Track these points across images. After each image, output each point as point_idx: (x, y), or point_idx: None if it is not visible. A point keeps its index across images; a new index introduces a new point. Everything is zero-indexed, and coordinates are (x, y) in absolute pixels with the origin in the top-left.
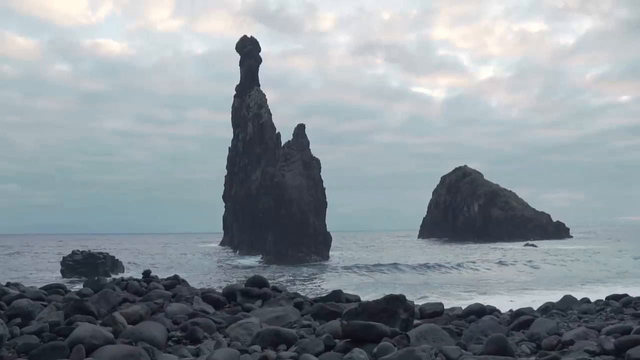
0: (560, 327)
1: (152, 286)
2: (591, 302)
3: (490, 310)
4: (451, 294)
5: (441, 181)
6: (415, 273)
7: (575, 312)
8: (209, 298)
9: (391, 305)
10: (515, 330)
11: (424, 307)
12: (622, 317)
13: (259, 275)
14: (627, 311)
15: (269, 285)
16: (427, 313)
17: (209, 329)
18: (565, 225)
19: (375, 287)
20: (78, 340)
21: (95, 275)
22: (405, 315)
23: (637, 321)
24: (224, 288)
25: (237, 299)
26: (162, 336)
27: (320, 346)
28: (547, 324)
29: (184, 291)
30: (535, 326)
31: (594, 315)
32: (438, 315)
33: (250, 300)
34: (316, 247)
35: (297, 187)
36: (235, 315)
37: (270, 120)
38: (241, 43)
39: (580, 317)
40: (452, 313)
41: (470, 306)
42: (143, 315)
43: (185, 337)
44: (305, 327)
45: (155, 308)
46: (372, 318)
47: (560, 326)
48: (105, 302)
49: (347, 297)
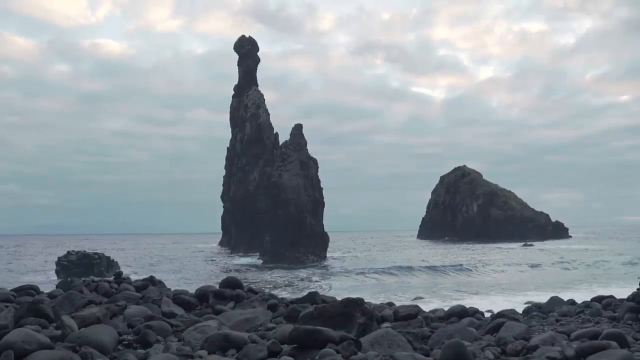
0: (531, 331)
1: (122, 287)
2: (575, 304)
3: (472, 312)
4: (446, 295)
5: (440, 181)
6: (411, 274)
7: (555, 314)
8: (179, 300)
9: (348, 308)
10: (489, 333)
11: (398, 309)
12: (598, 320)
13: (232, 277)
14: (605, 313)
15: (243, 287)
16: (401, 315)
17: (164, 332)
18: (564, 225)
19: (369, 289)
20: (8, 345)
21: (90, 275)
22: (363, 319)
23: (611, 325)
24: (196, 289)
25: (209, 300)
26: (110, 340)
27: (263, 352)
28: (516, 328)
29: (154, 292)
30: (504, 330)
31: (572, 318)
32: (412, 317)
33: (222, 302)
34: (314, 247)
35: (294, 187)
36: (195, 318)
37: (268, 120)
38: (239, 43)
39: (557, 320)
40: (434, 315)
41: (452, 308)
42: (101, 317)
43: (136, 341)
44: (270, 330)
45: (116, 310)
46: (329, 322)
47: (531, 330)
48: (69, 304)
49: (324, 298)
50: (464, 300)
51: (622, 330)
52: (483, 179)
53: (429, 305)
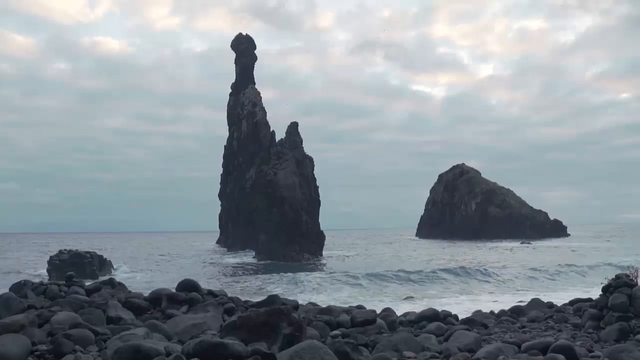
0: (490, 339)
1: (71, 291)
2: (553, 307)
3: (444, 316)
4: (435, 296)
5: (439, 179)
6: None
7: (525, 319)
8: (129, 304)
9: (273, 318)
10: (446, 341)
11: (355, 315)
12: (561, 328)
13: (189, 279)
14: (572, 319)
15: (200, 290)
16: (357, 321)
17: (85, 341)
18: (562, 223)
19: (356, 290)
20: None
21: (82, 275)
22: (289, 329)
23: (572, 333)
24: (150, 292)
25: (162, 304)
26: (20, 351)
27: None
28: (465, 338)
29: (105, 296)
30: (453, 340)
31: (540, 324)
32: (370, 323)
33: (175, 306)
34: (309, 245)
35: (290, 186)
36: (124, 326)
37: (264, 118)
38: (236, 41)
39: (523, 326)
40: (405, 319)
41: (423, 311)
42: (27, 325)
43: (50, 352)
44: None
45: (49, 316)
46: (253, 332)
47: (490, 338)
48: (4, 309)
49: (285, 302)
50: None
51: (573, 342)
52: (481, 177)
53: (419, 306)
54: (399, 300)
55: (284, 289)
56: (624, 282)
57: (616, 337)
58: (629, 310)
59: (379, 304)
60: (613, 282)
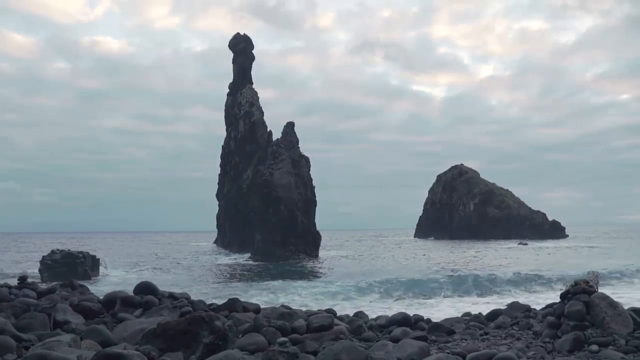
0: (444, 347)
1: (22, 293)
2: (530, 310)
3: (416, 321)
4: (426, 298)
5: (437, 180)
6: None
7: (492, 325)
8: (81, 307)
9: (193, 326)
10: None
11: (311, 320)
12: (520, 336)
13: (146, 281)
14: (537, 326)
15: (157, 293)
16: (313, 327)
17: (4, 349)
18: (561, 224)
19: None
20: None
21: (74, 275)
22: (210, 338)
23: (528, 342)
24: (104, 295)
25: (116, 307)
26: None
27: None
28: (411, 347)
29: (55, 299)
30: (397, 349)
31: (505, 330)
32: (326, 329)
33: (129, 309)
34: (305, 246)
35: (285, 186)
36: (54, 331)
37: (261, 118)
38: (234, 40)
39: (486, 333)
40: (375, 323)
41: (393, 315)
42: None
43: None
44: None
45: None
46: (172, 340)
47: (444, 347)
48: None
49: (245, 305)
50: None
51: (525, 352)
52: (480, 178)
53: (411, 310)
54: (391, 302)
55: (268, 291)
56: (582, 289)
57: (570, 348)
58: (585, 318)
59: (367, 307)
60: (571, 288)
